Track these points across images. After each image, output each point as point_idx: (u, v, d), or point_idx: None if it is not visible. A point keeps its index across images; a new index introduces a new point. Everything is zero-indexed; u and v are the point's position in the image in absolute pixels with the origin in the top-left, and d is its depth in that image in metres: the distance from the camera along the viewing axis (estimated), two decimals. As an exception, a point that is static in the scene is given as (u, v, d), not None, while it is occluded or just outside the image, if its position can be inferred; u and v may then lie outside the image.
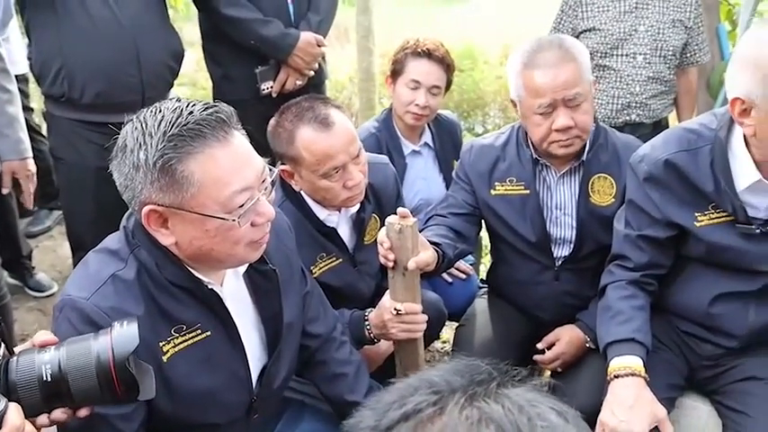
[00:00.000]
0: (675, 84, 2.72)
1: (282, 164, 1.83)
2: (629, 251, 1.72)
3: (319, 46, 2.58)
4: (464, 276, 2.43)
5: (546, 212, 1.96)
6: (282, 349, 1.46)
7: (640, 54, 2.59)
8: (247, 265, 1.38)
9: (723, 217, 1.62)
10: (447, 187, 2.33)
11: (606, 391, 1.60)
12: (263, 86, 2.55)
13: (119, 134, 1.22)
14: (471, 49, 6.71)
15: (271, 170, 1.29)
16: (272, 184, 1.30)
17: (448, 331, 2.57)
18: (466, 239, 1.98)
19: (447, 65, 2.32)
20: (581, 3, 2.66)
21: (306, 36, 2.53)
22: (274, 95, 2.55)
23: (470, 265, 2.50)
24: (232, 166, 1.20)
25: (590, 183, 1.91)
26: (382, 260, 1.65)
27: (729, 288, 1.68)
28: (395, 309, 1.69)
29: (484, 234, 2.20)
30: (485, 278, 2.31)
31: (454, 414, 0.57)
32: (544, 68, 1.78)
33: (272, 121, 1.83)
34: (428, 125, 2.46)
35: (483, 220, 2.06)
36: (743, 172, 1.57)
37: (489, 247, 2.24)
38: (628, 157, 1.79)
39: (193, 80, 6.51)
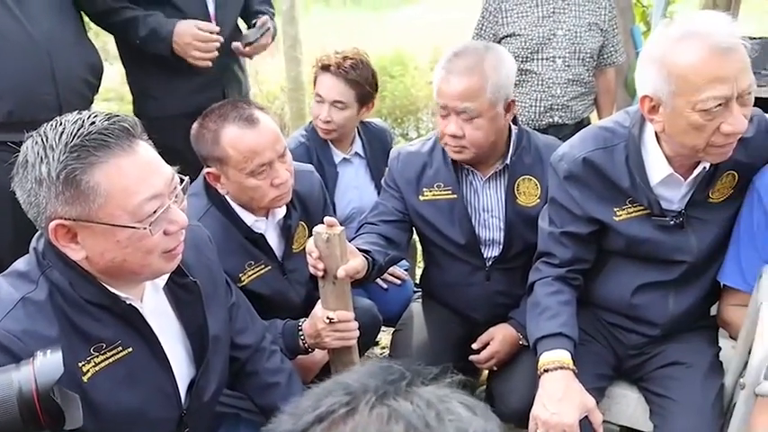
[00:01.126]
0: (595, 85, 2.82)
1: (208, 167, 1.81)
2: (553, 248, 1.77)
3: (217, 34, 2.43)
4: (399, 282, 2.46)
5: (474, 215, 2.00)
6: (210, 362, 1.44)
7: (560, 57, 2.67)
8: (167, 278, 1.36)
9: (640, 211, 1.68)
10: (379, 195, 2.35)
11: (538, 385, 1.64)
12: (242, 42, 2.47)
13: None
14: (402, 55, 6.78)
15: (181, 179, 1.28)
16: (184, 191, 1.29)
17: (385, 337, 2.59)
18: (397, 246, 1.99)
19: (351, 79, 2.32)
20: (501, 9, 2.72)
21: (182, 25, 2.35)
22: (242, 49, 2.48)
23: (405, 270, 2.53)
24: (139, 174, 1.19)
25: (515, 185, 1.96)
26: (311, 270, 1.66)
27: (649, 279, 1.75)
28: (327, 317, 1.70)
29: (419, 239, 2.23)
30: (419, 282, 2.33)
31: (365, 413, 0.58)
32: (450, 73, 1.83)
33: (194, 126, 1.82)
34: (358, 134, 2.48)
35: (413, 226, 2.08)
36: (655, 166, 1.63)
37: (422, 252, 2.27)
38: (550, 157, 1.84)
39: (120, 95, 6.35)
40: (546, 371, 1.63)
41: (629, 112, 1.72)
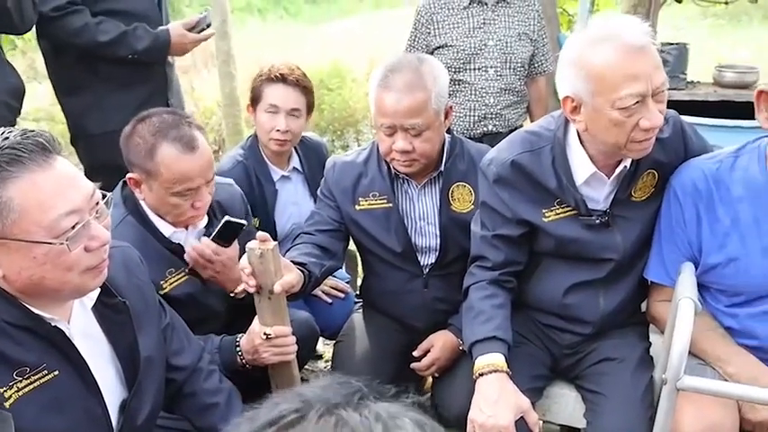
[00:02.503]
0: (527, 93, 2.89)
1: (132, 171, 1.80)
2: (486, 251, 1.81)
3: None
4: (342, 296, 2.45)
5: (409, 223, 2.02)
6: (143, 383, 1.42)
7: (491, 67, 2.73)
8: (96, 299, 1.34)
9: (567, 211, 1.74)
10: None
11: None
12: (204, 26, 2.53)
13: None
14: (339, 68, 6.80)
15: (104, 195, 1.26)
16: (108, 206, 1.27)
17: (329, 350, 2.58)
18: (332, 255, 2.00)
19: (304, 87, 2.34)
20: (432, 21, 2.77)
21: (174, 29, 2.47)
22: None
23: (346, 282, 2.53)
24: (55, 189, 1.17)
25: (450, 191, 1.99)
26: (245, 286, 1.65)
27: (579, 278, 1.80)
28: (264, 333, 1.69)
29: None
30: (359, 292, 2.34)
31: (313, 420, 0.60)
32: (391, 91, 1.83)
33: (127, 128, 1.80)
34: (295, 149, 2.47)
35: (350, 235, 2.09)
36: (580, 167, 1.69)
37: (360, 262, 2.28)
38: None
39: (51, 114, 6.17)
40: (481, 375, 1.66)
41: (554, 116, 1.77)
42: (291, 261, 1.79)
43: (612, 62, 1.50)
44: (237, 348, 1.77)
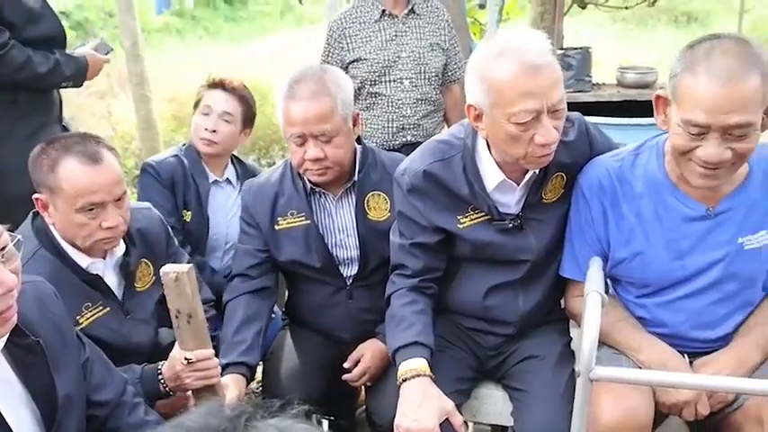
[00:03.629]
0: (443, 102, 2.95)
1: (39, 192, 1.75)
2: (405, 260, 1.84)
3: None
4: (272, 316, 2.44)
5: (328, 237, 2.04)
6: (63, 424, 1.37)
7: (406, 78, 2.78)
8: (6, 340, 1.28)
9: (481, 217, 1.78)
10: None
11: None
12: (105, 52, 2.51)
13: None
14: (261, 86, 6.76)
15: (12, 235, 1.21)
16: (18, 247, 1.22)
17: (258, 369, 2.55)
18: (270, 292, 2.08)
19: (240, 95, 2.37)
20: (345, 35, 2.81)
21: (85, 52, 2.48)
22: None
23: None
24: None
25: (365, 201, 2.02)
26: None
27: (498, 280, 1.85)
28: (185, 358, 1.66)
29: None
30: (285, 309, 2.33)
31: None
32: (298, 101, 1.87)
33: (36, 149, 1.76)
34: (233, 164, 2.48)
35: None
36: (490, 174, 1.74)
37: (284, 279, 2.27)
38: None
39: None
40: (404, 380, 1.68)
41: (463, 125, 1.81)
42: (232, 362, 1.87)
43: (510, 78, 1.55)
44: (159, 376, 1.73)
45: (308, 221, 2.00)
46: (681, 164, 1.59)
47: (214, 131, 2.34)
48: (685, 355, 1.73)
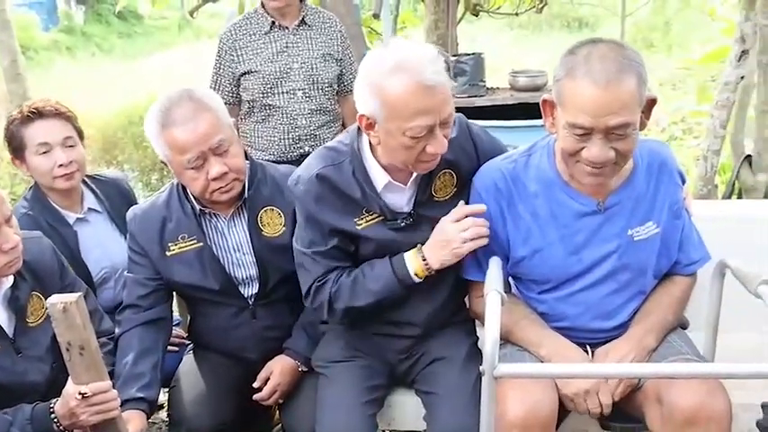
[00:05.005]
0: (340, 111, 2.95)
1: None
2: (311, 267, 1.82)
3: None
4: (183, 341, 2.35)
5: (224, 258, 1.99)
6: None
7: (299, 89, 2.77)
8: None
9: (375, 218, 1.80)
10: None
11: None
12: None
13: None
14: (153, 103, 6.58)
15: None
16: None
17: (163, 396, 2.46)
18: (164, 322, 2.02)
19: (66, 115, 2.18)
20: (235, 48, 2.77)
21: None
22: None
23: (176, 324, 2.42)
24: None
25: (258, 218, 1.98)
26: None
27: None
28: (80, 393, 1.57)
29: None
30: (187, 334, 2.25)
31: None
32: (182, 124, 1.81)
33: None
34: (88, 188, 2.30)
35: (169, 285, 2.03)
36: (377, 175, 1.77)
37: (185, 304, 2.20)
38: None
39: None
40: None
41: (348, 131, 1.85)
42: (131, 398, 1.83)
43: (406, 96, 1.60)
44: (53, 415, 1.63)
45: (201, 244, 1.96)
46: (570, 164, 1.66)
47: (71, 162, 2.14)
48: (587, 346, 1.80)
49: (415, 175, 1.78)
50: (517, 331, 1.80)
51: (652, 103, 1.62)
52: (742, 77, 3.80)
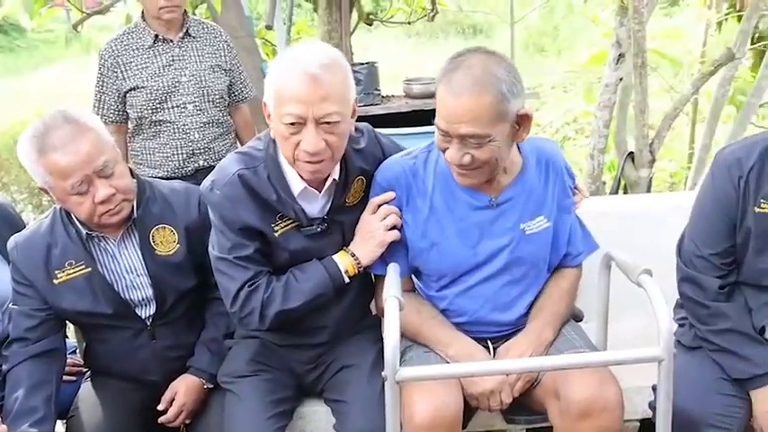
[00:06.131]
0: (232, 122, 2.91)
1: None
2: (235, 272, 1.78)
3: None
4: (81, 370, 2.23)
5: (116, 281, 1.92)
6: None
7: (190, 103, 2.71)
8: None
9: (290, 223, 1.80)
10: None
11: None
12: None
13: None
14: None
15: None
16: None
17: (62, 428, 2.34)
18: (57, 353, 1.92)
19: None
20: (118, 63, 2.68)
21: None
22: None
23: (72, 351, 2.31)
24: None
25: (150, 237, 1.92)
26: None
27: None
28: None
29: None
30: (84, 361, 2.15)
31: None
32: (62, 148, 1.74)
33: None
34: None
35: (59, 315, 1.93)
36: (293, 181, 1.78)
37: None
38: (179, 201, 1.93)
39: None
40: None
41: (260, 138, 1.85)
42: None
43: (287, 82, 1.65)
44: None
45: (90, 269, 1.88)
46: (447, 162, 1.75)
47: None
48: (488, 341, 1.87)
49: (328, 184, 1.79)
50: (424, 332, 1.84)
51: (525, 117, 1.69)
52: (620, 79, 4.04)
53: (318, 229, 1.81)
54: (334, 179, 1.79)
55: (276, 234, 1.79)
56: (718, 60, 3.59)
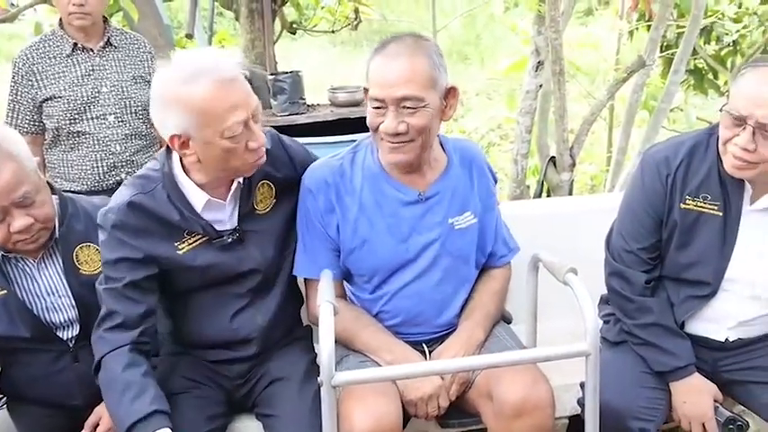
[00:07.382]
0: (157, 135, 2.83)
1: None
2: (118, 306, 1.71)
3: None
4: None
5: (35, 303, 1.84)
6: None
7: (111, 114, 2.62)
8: None
9: (199, 239, 1.77)
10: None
11: None
12: None
13: None
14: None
15: None
16: None
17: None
18: None
19: None
20: (33, 72, 2.57)
21: None
22: None
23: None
24: None
25: (74, 256, 1.85)
26: None
27: (233, 299, 1.84)
28: None
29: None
30: (-1, 387, 2.04)
31: None
32: None
33: None
34: None
35: None
36: (195, 196, 1.74)
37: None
38: None
39: None
40: None
41: (156, 158, 1.81)
42: None
43: (213, 96, 1.60)
44: None
45: (5, 291, 1.79)
46: (377, 143, 1.78)
47: None
48: (424, 345, 1.90)
49: (233, 188, 1.77)
50: (361, 339, 1.85)
51: (452, 91, 1.77)
52: (540, 86, 4.17)
53: (230, 240, 1.78)
54: (239, 182, 1.77)
55: (180, 253, 1.75)
56: (630, 67, 3.76)
